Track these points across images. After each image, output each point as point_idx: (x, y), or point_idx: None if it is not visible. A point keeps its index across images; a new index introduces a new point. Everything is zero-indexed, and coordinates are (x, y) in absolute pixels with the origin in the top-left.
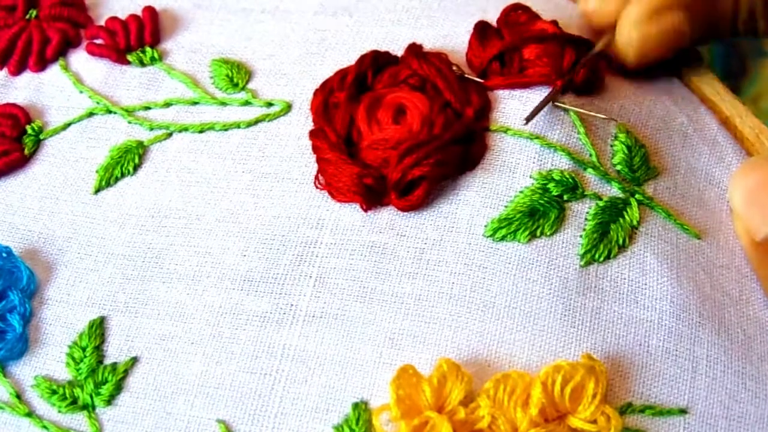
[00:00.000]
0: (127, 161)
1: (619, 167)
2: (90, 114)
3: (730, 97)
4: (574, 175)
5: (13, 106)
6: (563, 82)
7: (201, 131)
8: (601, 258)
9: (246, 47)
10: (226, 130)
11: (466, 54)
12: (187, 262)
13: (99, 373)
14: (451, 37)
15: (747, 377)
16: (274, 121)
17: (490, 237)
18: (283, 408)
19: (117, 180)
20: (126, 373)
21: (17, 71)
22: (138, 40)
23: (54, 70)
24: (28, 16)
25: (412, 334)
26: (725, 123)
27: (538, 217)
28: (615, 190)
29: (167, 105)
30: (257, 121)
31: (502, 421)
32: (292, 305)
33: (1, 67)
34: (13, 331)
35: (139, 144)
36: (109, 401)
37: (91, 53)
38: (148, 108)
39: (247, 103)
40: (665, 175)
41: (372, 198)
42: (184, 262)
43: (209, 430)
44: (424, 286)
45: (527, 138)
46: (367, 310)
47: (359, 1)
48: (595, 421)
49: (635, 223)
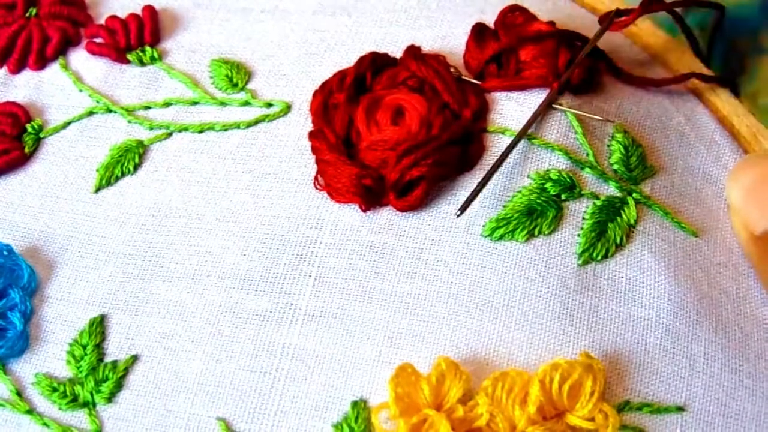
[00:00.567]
0: (127, 160)
1: (616, 166)
2: (90, 113)
3: (727, 96)
4: (571, 174)
5: (13, 104)
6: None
7: (201, 131)
8: (599, 257)
9: (245, 47)
10: (225, 130)
11: (464, 56)
12: (187, 261)
13: (99, 371)
14: (449, 38)
15: (744, 375)
16: (273, 122)
17: (489, 236)
18: (282, 406)
19: (117, 179)
20: (126, 370)
21: (17, 69)
22: (138, 39)
23: (54, 69)
24: (27, 15)
25: (410, 333)
26: (722, 122)
27: (536, 216)
28: (612, 189)
29: (167, 105)
30: (257, 121)
31: (501, 419)
32: (291, 304)
33: (0, 66)
34: (13, 328)
35: (139, 143)
36: (109, 399)
37: (90, 52)
38: (148, 107)
39: (246, 103)
40: (662, 174)
41: (371, 198)
42: (184, 261)
43: (209, 427)
44: (423, 285)
45: (525, 139)
46: (366, 310)
47: (358, 1)
48: (592, 419)
49: (632, 221)
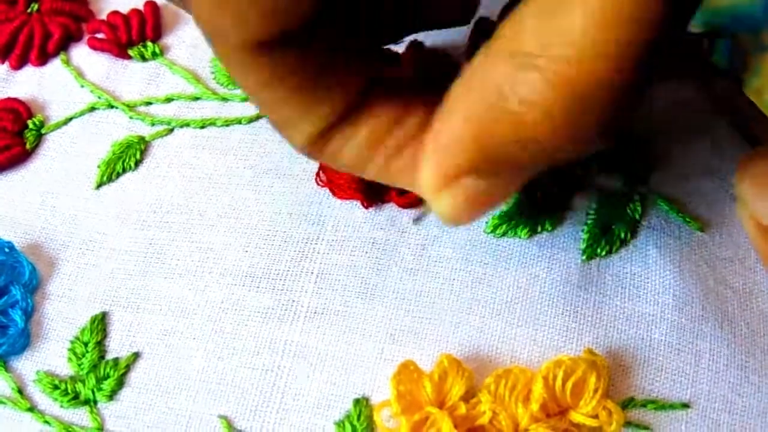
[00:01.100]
0: (128, 156)
1: (619, 161)
2: (91, 108)
3: (731, 90)
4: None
5: (15, 100)
6: None
7: (202, 127)
8: (603, 252)
9: None
10: (227, 126)
11: (465, 52)
12: (188, 257)
13: (101, 368)
14: (453, 32)
15: (750, 371)
16: None
17: (492, 233)
18: (284, 404)
19: (119, 175)
20: (128, 368)
21: (18, 65)
22: (139, 34)
23: (55, 65)
24: (29, 10)
25: (413, 330)
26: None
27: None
28: (617, 184)
29: (168, 100)
30: (259, 117)
31: (504, 416)
32: (293, 301)
33: (2, 61)
34: (15, 326)
35: (141, 139)
36: (110, 396)
37: (92, 47)
38: (150, 103)
39: (248, 99)
40: (667, 169)
41: (373, 195)
42: (185, 258)
43: (211, 425)
44: (425, 282)
45: None
46: (368, 306)
47: None
48: (596, 416)
49: (637, 216)
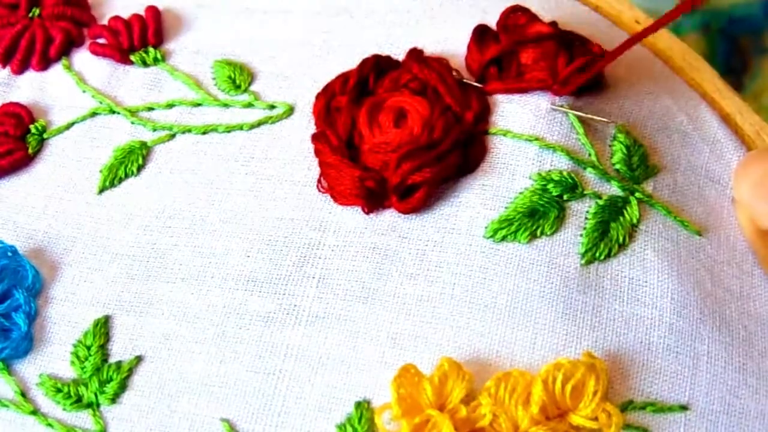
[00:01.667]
0: (130, 162)
1: (618, 166)
2: (93, 114)
3: (730, 94)
4: (573, 174)
5: (17, 105)
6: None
7: (204, 133)
8: (602, 256)
9: (248, 49)
10: (229, 131)
11: (465, 58)
12: (191, 262)
13: (104, 372)
14: (452, 40)
15: (748, 373)
16: (276, 124)
17: (491, 238)
18: (286, 407)
19: (121, 180)
20: (131, 371)
21: (20, 70)
22: (141, 40)
23: (57, 70)
24: (31, 15)
25: (413, 334)
26: (726, 120)
27: (538, 217)
28: (615, 189)
29: (170, 106)
30: (260, 123)
31: (504, 419)
32: (295, 306)
33: (3, 66)
34: (18, 329)
35: (143, 144)
36: (113, 399)
37: (94, 53)
38: (151, 109)
39: (249, 105)
40: (665, 173)
41: (373, 201)
42: (188, 263)
43: (213, 428)
44: (426, 286)
45: (526, 140)
46: (369, 311)
47: (360, 2)
48: (596, 419)
49: (635, 221)
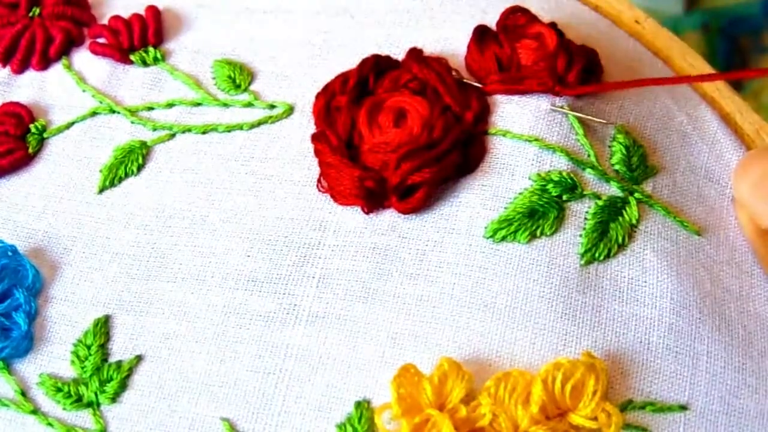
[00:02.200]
0: (130, 161)
1: (617, 167)
2: (93, 113)
3: (730, 93)
4: (573, 175)
5: (17, 104)
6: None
7: (204, 132)
8: (601, 257)
9: (248, 48)
10: (229, 131)
11: (465, 58)
12: (191, 262)
13: (104, 371)
14: (451, 40)
15: (747, 373)
16: (276, 124)
17: (491, 238)
18: (286, 407)
19: (121, 180)
20: (131, 371)
21: (20, 70)
22: (141, 39)
23: (57, 69)
24: (31, 14)
25: (413, 333)
26: (725, 119)
27: (537, 217)
28: (614, 189)
29: (170, 105)
30: (260, 123)
31: (503, 418)
32: (295, 305)
33: (3, 66)
34: (18, 329)
35: (143, 144)
36: (113, 399)
37: (94, 52)
38: (151, 108)
39: (249, 104)
40: (664, 173)
41: (373, 201)
42: (188, 262)
43: (213, 427)
44: (426, 286)
45: (526, 141)
46: (369, 311)
47: (360, 2)
48: (595, 418)
49: (634, 221)
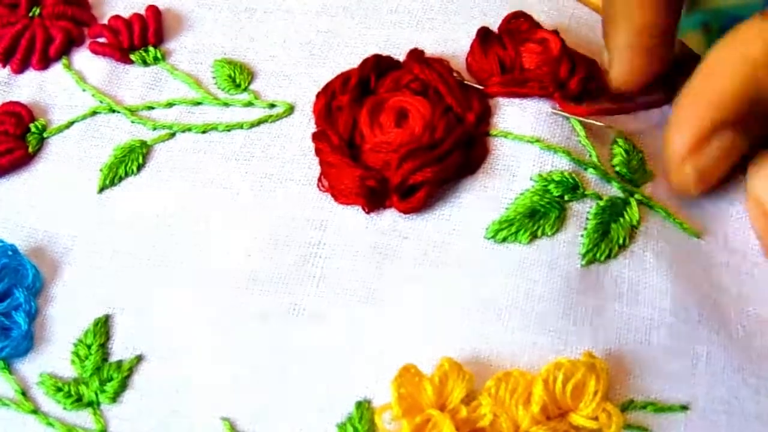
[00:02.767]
0: (130, 161)
1: (618, 168)
2: (93, 113)
3: None
4: (574, 175)
5: (17, 104)
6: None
7: (204, 132)
8: (603, 257)
9: (249, 48)
10: (229, 130)
11: (466, 59)
12: (191, 261)
13: (104, 371)
14: (452, 41)
15: (747, 373)
16: (276, 123)
17: (492, 238)
18: (287, 407)
19: (121, 179)
20: (131, 370)
21: (20, 69)
22: (141, 39)
23: (57, 69)
24: (31, 14)
25: (414, 334)
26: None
27: (538, 218)
28: (615, 190)
29: (170, 105)
30: (260, 122)
31: (504, 419)
32: (295, 305)
33: (3, 65)
34: (18, 328)
35: (143, 144)
36: (114, 398)
37: (94, 52)
38: (151, 108)
39: (249, 104)
40: (663, 177)
41: (374, 200)
42: (188, 261)
43: (213, 427)
44: (426, 287)
45: (527, 142)
46: (369, 311)
47: (361, 2)
48: (596, 418)
49: (635, 222)
